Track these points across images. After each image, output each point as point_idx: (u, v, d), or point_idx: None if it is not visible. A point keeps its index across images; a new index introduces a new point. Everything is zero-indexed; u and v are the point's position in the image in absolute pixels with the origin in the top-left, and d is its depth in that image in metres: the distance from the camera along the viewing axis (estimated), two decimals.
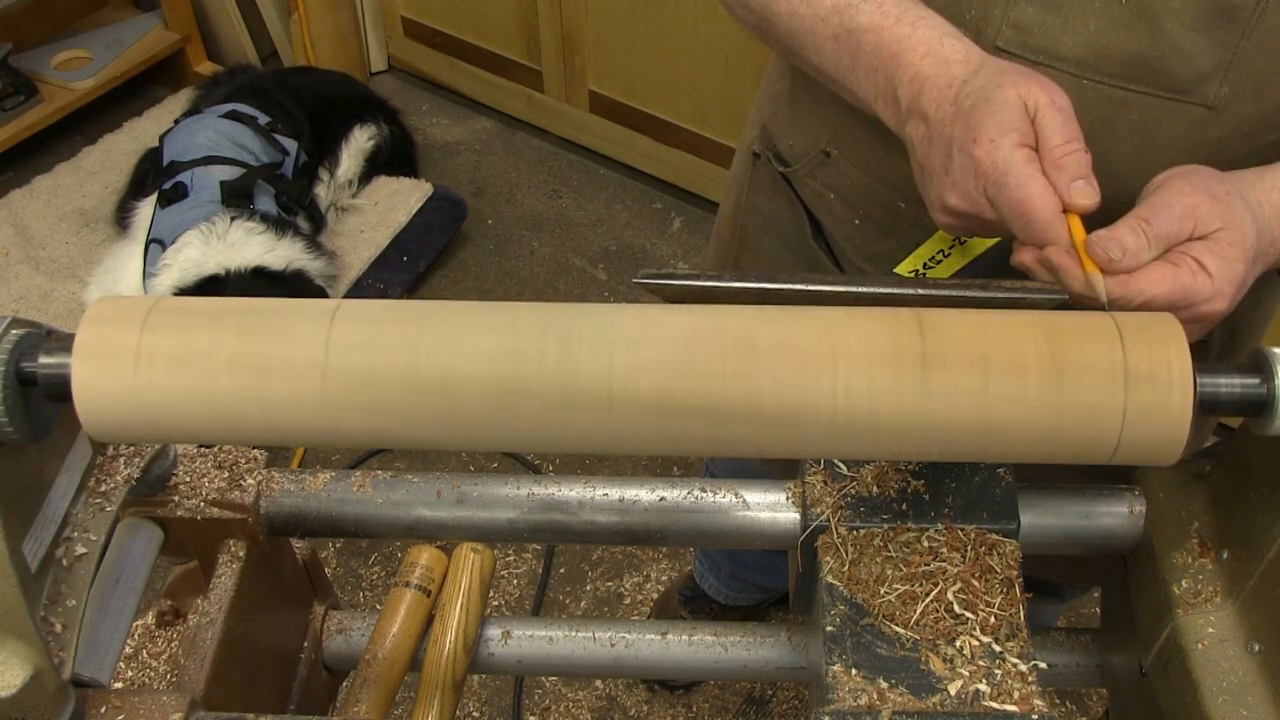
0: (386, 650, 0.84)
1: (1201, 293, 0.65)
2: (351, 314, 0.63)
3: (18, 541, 0.64)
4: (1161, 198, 0.67)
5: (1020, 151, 0.67)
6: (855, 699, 0.65)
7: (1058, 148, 0.67)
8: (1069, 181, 0.67)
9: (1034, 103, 0.68)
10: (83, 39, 2.72)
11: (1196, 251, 0.66)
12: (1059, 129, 0.67)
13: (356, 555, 2.00)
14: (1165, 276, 0.65)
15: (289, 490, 0.81)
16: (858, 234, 0.96)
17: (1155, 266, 0.66)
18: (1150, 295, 0.65)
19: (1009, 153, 0.67)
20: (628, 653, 0.87)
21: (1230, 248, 0.66)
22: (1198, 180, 0.69)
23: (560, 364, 0.61)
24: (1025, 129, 0.68)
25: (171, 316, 0.63)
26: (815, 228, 1.00)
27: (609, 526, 0.80)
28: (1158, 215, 0.66)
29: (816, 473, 0.77)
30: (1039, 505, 0.78)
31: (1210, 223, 0.66)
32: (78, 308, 2.29)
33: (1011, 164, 0.67)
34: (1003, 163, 0.67)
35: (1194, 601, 0.72)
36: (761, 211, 1.07)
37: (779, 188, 1.03)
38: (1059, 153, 0.67)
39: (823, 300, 0.64)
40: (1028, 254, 0.69)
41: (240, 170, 2.22)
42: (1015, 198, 0.67)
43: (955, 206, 0.71)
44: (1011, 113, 0.68)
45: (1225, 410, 0.62)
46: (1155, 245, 0.66)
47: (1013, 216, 0.68)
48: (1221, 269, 0.66)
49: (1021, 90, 0.68)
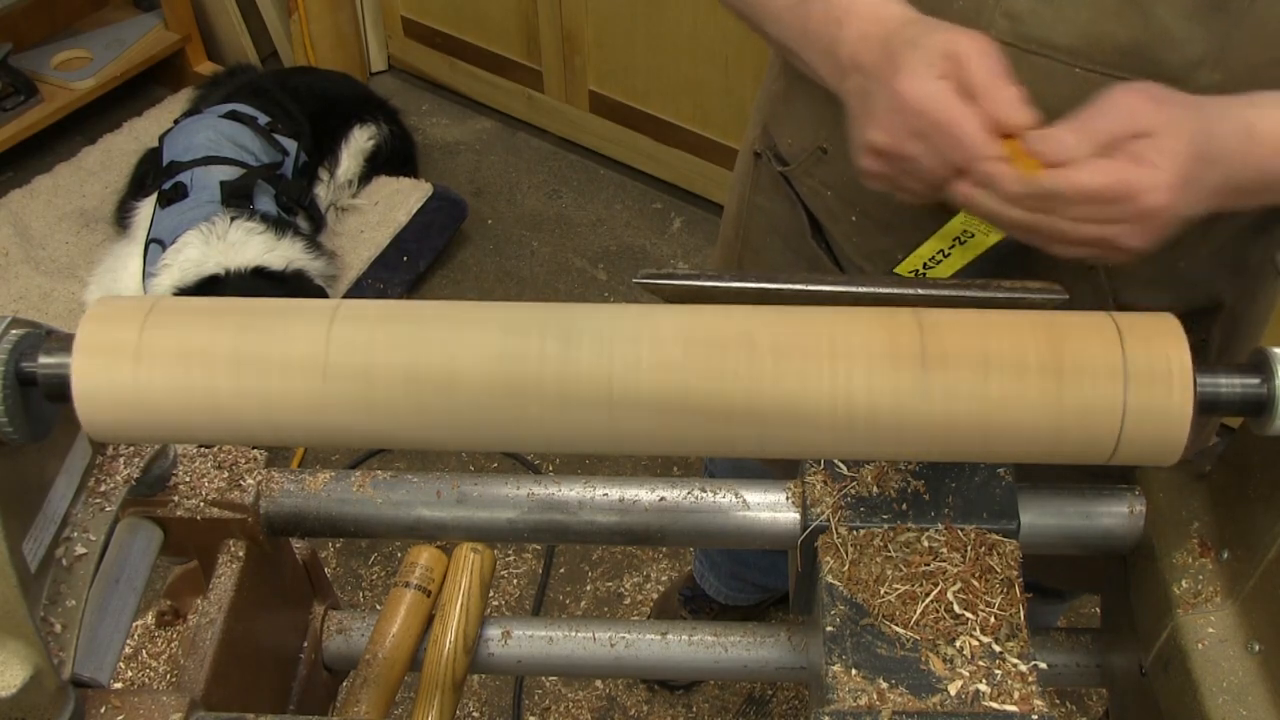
0: (386, 650, 0.84)
1: (1141, 182, 0.65)
2: (352, 314, 0.63)
3: (18, 541, 0.64)
4: (1102, 100, 0.67)
5: (944, 82, 0.67)
6: (855, 699, 0.65)
7: (986, 80, 0.67)
8: (1002, 101, 0.67)
9: (964, 49, 0.68)
10: (83, 39, 2.72)
11: (1137, 147, 0.66)
12: (987, 66, 0.68)
13: (356, 555, 2.00)
14: (1105, 168, 0.65)
15: (289, 490, 0.81)
16: (855, 231, 0.96)
17: (1093, 160, 0.65)
18: (1090, 187, 0.65)
19: (933, 82, 0.67)
20: (628, 653, 0.87)
21: (1172, 141, 0.66)
22: (1142, 86, 0.69)
23: (560, 364, 0.61)
24: (950, 68, 0.68)
25: (171, 316, 0.63)
26: (815, 227, 1.00)
27: (609, 526, 0.80)
28: (1097, 114, 0.66)
29: (816, 473, 0.77)
30: (1039, 505, 0.78)
31: (1151, 123, 0.66)
32: (78, 308, 2.29)
33: (935, 91, 0.67)
34: (926, 93, 0.67)
35: (1194, 601, 0.72)
36: (764, 211, 1.07)
37: (779, 187, 1.03)
38: (987, 84, 0.67)
39: (823, 300, 0.64)
40: (963, 184, 0.68)
41: (240, 170, 2.21)
42: (941, 119, 0.67)
43: (878, 142, 0.71)
44: (935, 52, 0.68)
45: (1225, 410, 0.62)
46: (1095, 141, 0.66)
47: (941, 139, 0.68)
48: (1164, 160, 0.65)
49: (949, 37, 0.69)
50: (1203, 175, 0.68)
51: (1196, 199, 0.69)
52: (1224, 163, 0.70)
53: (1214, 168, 0.69)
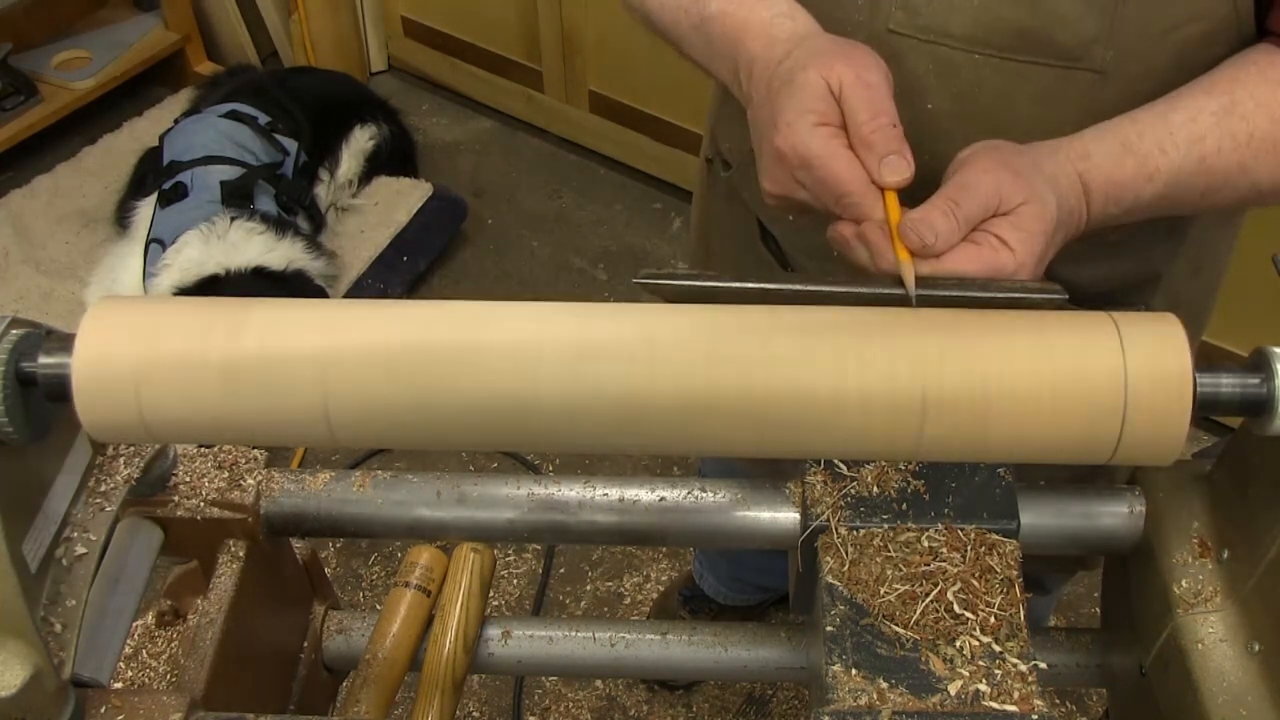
0: (386, 650, 0.84)
1: (1005, 269, 0.66)
2: (353, 312, 0.63)
3: (18, 541, 0.64)
4: (969, 177, 0.68)
5: (820, 130, 0.67)
6: (855, 699, 0.65)
7: (865, 124, 0.67)
8: (879, 158, 0.67)
9: (838, 81, 0.68)
10: (83, 39, 2.72)
11: (999, 229, 0.67)
12: (865, 105, 0.68)
13: (356, 555, 2.00)
14: (972, 257, 0.66)
15: (289, 490, 0.81)
16: (793, 229, 0.96)
17: (962, 247, 0.66)
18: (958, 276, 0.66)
19: (808, 134, 0.67)
20: (628, 653, 0.87)
21: (1032, 221, 0.67)
22: (999, 156, 0.69)
23: (560, 364, 0.61)
24: (824, 109, 0.68)
25: (171, 316, 0.63)
26: (762, 229, 1.00)
27: (609, 526, 0.80)
28: (966, 196, 0.67)
29: (816, 473, 0.77)
30: (1039, 505, 0.78)
31: (1013, 198, 0.67)
32: (78, 308, 2.29)
33: (811, 144, 0.67)
34: (801, 145, 0.67)
35: (1194, 601, 0.72)
36: (720, 216, 1.08)
37: (730, 192, 1.03)
38: (866, 129, 0.67)
39: (823, 300, 0.64)
40: (846, 228, 0.69)
41: (240, 170, 2.21)
42: (821, 177, 0.67)
43: (771, 191, 0.71)
44: (810, 94, 0.68)
45: (1225, 410, 0.62)
46: (964, 226, 0.66)
47: (825, 194, 0.68)
48: (1023, 243, 0.66)
49: (824, 70, 0.69)
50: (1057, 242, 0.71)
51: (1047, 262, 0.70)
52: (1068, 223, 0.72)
53: (1064, 229, 0.71)
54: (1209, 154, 0.73)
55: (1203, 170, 0.73)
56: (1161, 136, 0.73)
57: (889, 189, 0.67)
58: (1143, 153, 0.73)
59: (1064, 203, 0.70)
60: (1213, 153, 0.73)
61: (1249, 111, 0.73)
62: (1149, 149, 0.73)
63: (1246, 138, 0.73)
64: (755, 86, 0.73)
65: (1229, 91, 0.74)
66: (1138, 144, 0.73)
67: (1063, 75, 0.76)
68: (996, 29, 0.75)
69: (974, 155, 0.70)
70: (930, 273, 0.66)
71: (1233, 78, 0.74)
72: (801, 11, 0.77)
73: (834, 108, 0.68)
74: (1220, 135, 0.73)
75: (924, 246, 0.65)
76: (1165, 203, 0.75)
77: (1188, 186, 0.74)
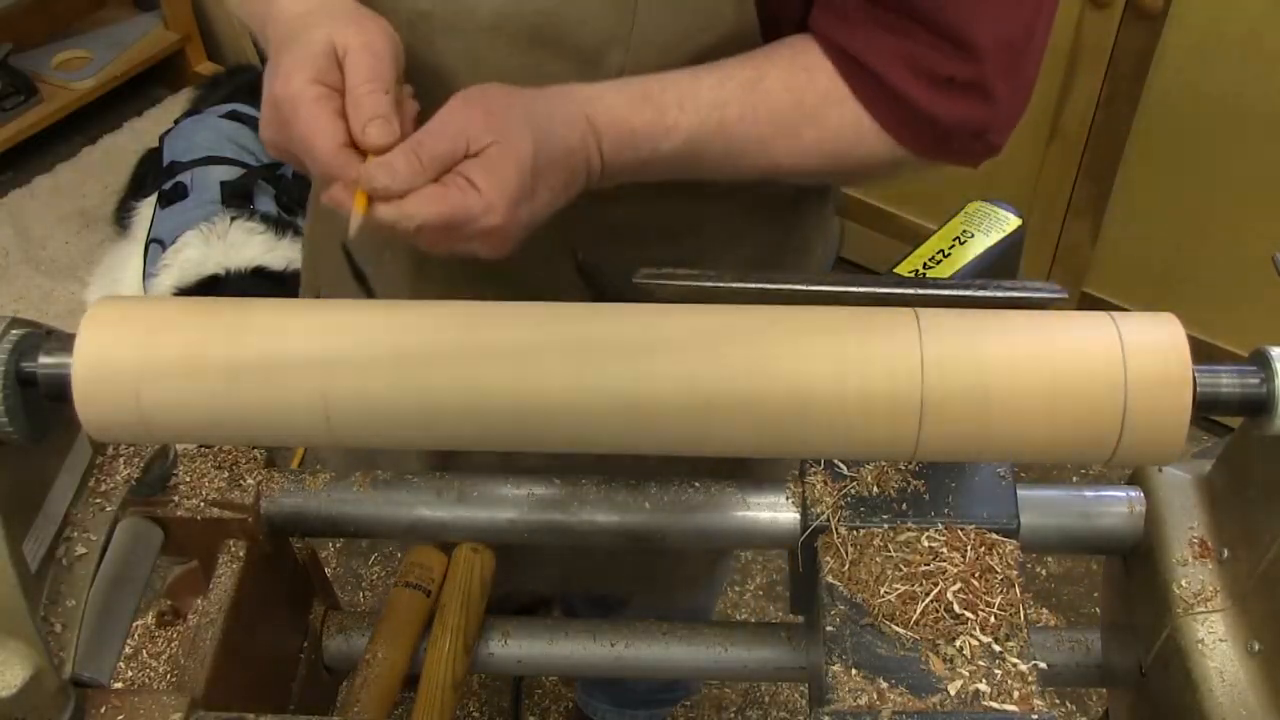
0: (386, 650, 0.84)
1: (473, 209, 0.65)
2: (353, 312, 0.63)
3: (18, 541, 0.65)
4: (437, 119, 0.67)
5: (312, 88, 0.67)
6: (855, 699, 0.65)
7: (358, 87, 0.67)
8: (364, 120, 0.66)
9: (344, 44, 0.68)
10: (83, 39, 2.72)
11: (469, 170, 0.66)
12: (363, 69, 0.67)
13: (356, 555, 2.00)
14: (436, 197, 0.65)
15: (289, 490, 0.81)
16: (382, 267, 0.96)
17: (428, 189, 0.65)
18: (422, 217, 0.65)
19: (301, 87, 0.67)
20: (628, 652, 0.87)
21: (502, 161, 0.66)
22: (476, 96, 0.69)
23: (563, 369, 0.61)
24: (324, 67, 0.68)
25: (171, 316, 0.63)
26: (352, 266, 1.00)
27: (609, 527, 0.80)
28: (430, 137, 0.66)
29: (816, 473, 0.77)
30: (1039, 505, 0.78)
31: (482, 138, 0.66)
32: (78, 308, 2.29)
33: (301, 98, 0.67)
34: (293, 96, 0.67)
35: (1194, 601, 0.72)
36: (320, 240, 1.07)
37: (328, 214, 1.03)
38: (358, 92, 0.67)
39: (823, 300, 0.64)
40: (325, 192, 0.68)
41: (240, 170, 2.21)
42: (301, 133, 0.67)
43: (266, 139, 0.71)
44: (312, 51, 0.68)
45: (1225, 410, 0.62)
46: (430, 168, 0.66)
47: (301, 151, 0.68)
48: (493, 186, 0.66)
49: (334, 32, 0.68)
50: (541, 182, 0.69)
51: (542, 204, 0.70)
52: (566, 162, 0.70)
53: (555, 170, 0.70)
54: (730, 120, 0.73)
55: (722, 135, 0.74)
56: (685, 94, 0.73)
57: (371, 152, 0.66)
58: (663, 105, 0.72)
59: (553, 142, 0.69)
60: (734, 120, 0.73)
61: (774, 90, 0.74)
62: (669, 102, 0.72)
63: (768, 114, 0.74)
64: (273, 36, 0.73)
65: (760, 68, 0.74)
66: (659, 96, 0.72)
67: (585, 75, 0.75)
68: (515, 18, 0.74)
69: (453, 98, 0.69)
70: (394, 216, 0.65)
71: (768, 56, 0.75)
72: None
73: (334, 69, 0.68)
74: (743, 106, 0.73)
75: (384, 188, 0.64)
76: (687, 160, 0.75)
77: (707, 147, 0.74)
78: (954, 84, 0.73)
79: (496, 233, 0.67)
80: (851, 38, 0.74)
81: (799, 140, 0.75)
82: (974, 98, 0.74)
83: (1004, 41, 0.72)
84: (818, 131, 0.75)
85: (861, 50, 0.73)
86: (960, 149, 0.77)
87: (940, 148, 0.77)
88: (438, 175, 0.66)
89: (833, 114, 0.75)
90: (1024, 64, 0.75)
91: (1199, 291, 1.99)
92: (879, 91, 0.74)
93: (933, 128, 0.75)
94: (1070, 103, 1.89)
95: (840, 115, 0.75)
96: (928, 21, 0.71)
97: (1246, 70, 1.73)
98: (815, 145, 0.76)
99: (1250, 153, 1.81)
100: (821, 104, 0.75)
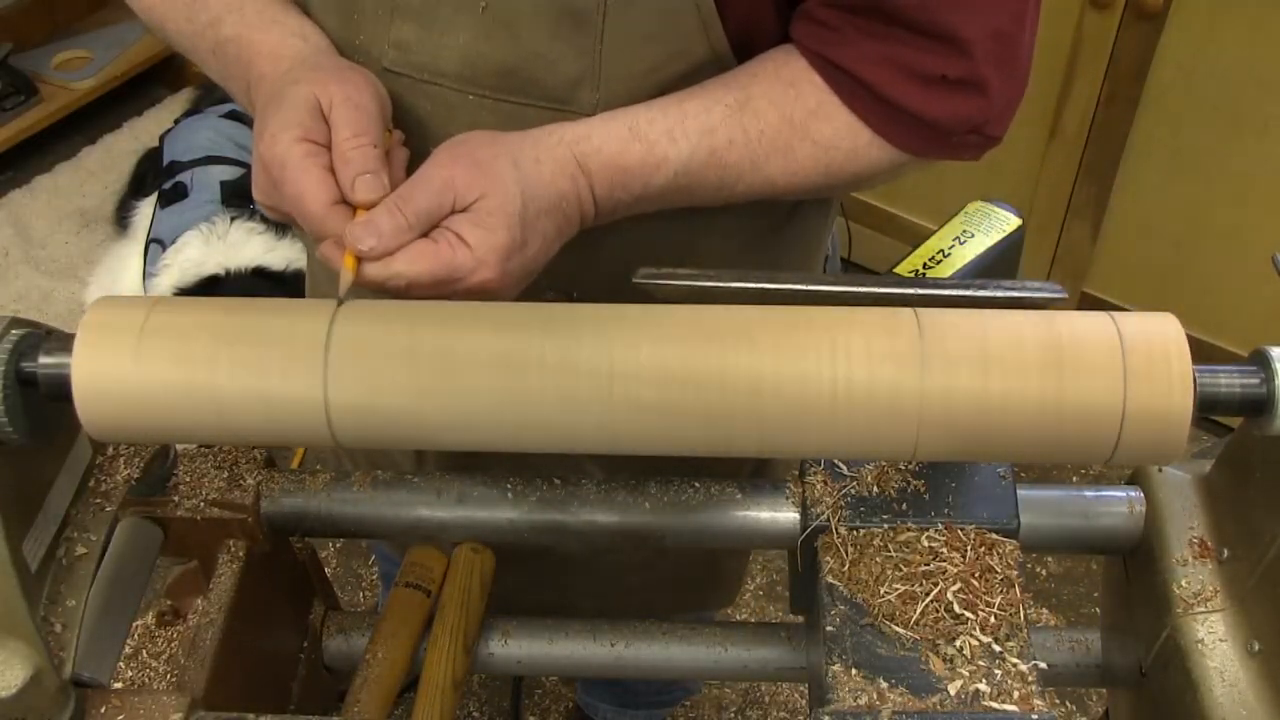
0: (386, 650, 0.84)
1: (463, 267, 0.65)
2: (352, 313, 0.63)
3: (18, 541, 0.65)
4: (421, 173, 0.67)
5: (300, 146, 0.67)
6: (855, 699, 0.65)
7: (345, 141, 0.67)
8: (352, 176, 0.66)
9: (329, 99, 0.68)
10: (83, 39, 2.72)
11: (457, 226, 0.66)
12: (349, 124, 0.67)
13: (356, 555, 2.00)
14: (424, 254, 0.65)
15: (289, 490, 0.81)
16: None
17: (414, 246, 0.65)
18: (411, 275, 0.65)
19: (287, 147, 0.67)
20: (628, 652, 0.87)
21: (491, 216, 0.66)
22: (461, 149, 0.68)
23: (561, 364, 0.61)
24: (309, 124, 0.67)
25: (171, 316, 0.63)
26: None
27: (609, 526, 0.80)
28: (415, 192, 0.66)
29: (817, 473, 0.77)
30: (1039, 505, 0.78)
31: (470, 193, 0.66)
32: (78, 308, 2.29)
33: (288, 158, 0.67)
34: (280, 157, 0.67)
35: (1194, 601, 0.72)
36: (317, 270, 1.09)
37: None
38: (345, 147, 0.67)
39: (823, 300, 0.64)
40: (318, 249, 0.68)
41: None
42: (291, 192, 0.67)
43: (259, 200, 0.71)
44: (296, 108, 0.68)
45: (1225, 410, 0.62)
46: (416, 224, 0.65)
47: (293, 210, 0.68)
48: (482, 239, 0.65)
49: (317, 88, 0.68)
50: (532, 232, 0.68)
51: (534, 253, 0.69)
52: (558, 208, 0.70)
53: (547, 218, 0.69)
54: (720, 146, 0.73)
55: (714, 162, 0.73)
56: (673, 125, 0.72)
57: (361, 207, 0.66)
58: (651, 139, 0.72)
59: (543, 189, 0.69)
60: (724, 145, 0.73)
61: (761, 108, 0.73)
62: (657, 136, 0.72)
63: (758, 134, 0.73)
64: (257, 99, 0.73)
65: (745, 87, 0.74)
66: (647, 130, 0.72)
67: (553, 118, 0.74)
68: (481, 67, 0.74)
69: (438, 150, 0.69)
70: (383, 275, 0.65)
71: (751, 74, 0.74)
72: (316, 33, 0.77)
73: (321, 124, 0.68)
74: (732, 129, 0.73)
75: (369, 249, 0.64)
76: (680, 192, 0.74)
77: (700, 177, 0.74)
78: (946, 82, 0.72)
79: (487, 288, 0.67)
80: (836, 48, 0.73)
81: (792, 157, 0.75)
82: (968, 93, 0.73)
83: (994, 32, 0.72)
84: (811, 146, 0.75)
85: (848, 59, 0.73)
86: (959, 144, 0.77)
87: (939, 146, 0.76)
88: (425, 230, 0.66)
89: (825, 127, 0.75)
90: (1016, 51, 0.74)
91: (1199, 291, 1.99)
92: (870, 99, 0.73)
93: (929, 128, 0.74)
94: (1070, 102, 1.89)
95: (833, 127, 0.75)
96: (912, 23, 0.71)
97: (1246, 70, 1.73)
98: (810, 160, 0.75)
99: (1249, 153, 1.81)
100: (811, 118, 0.74)
